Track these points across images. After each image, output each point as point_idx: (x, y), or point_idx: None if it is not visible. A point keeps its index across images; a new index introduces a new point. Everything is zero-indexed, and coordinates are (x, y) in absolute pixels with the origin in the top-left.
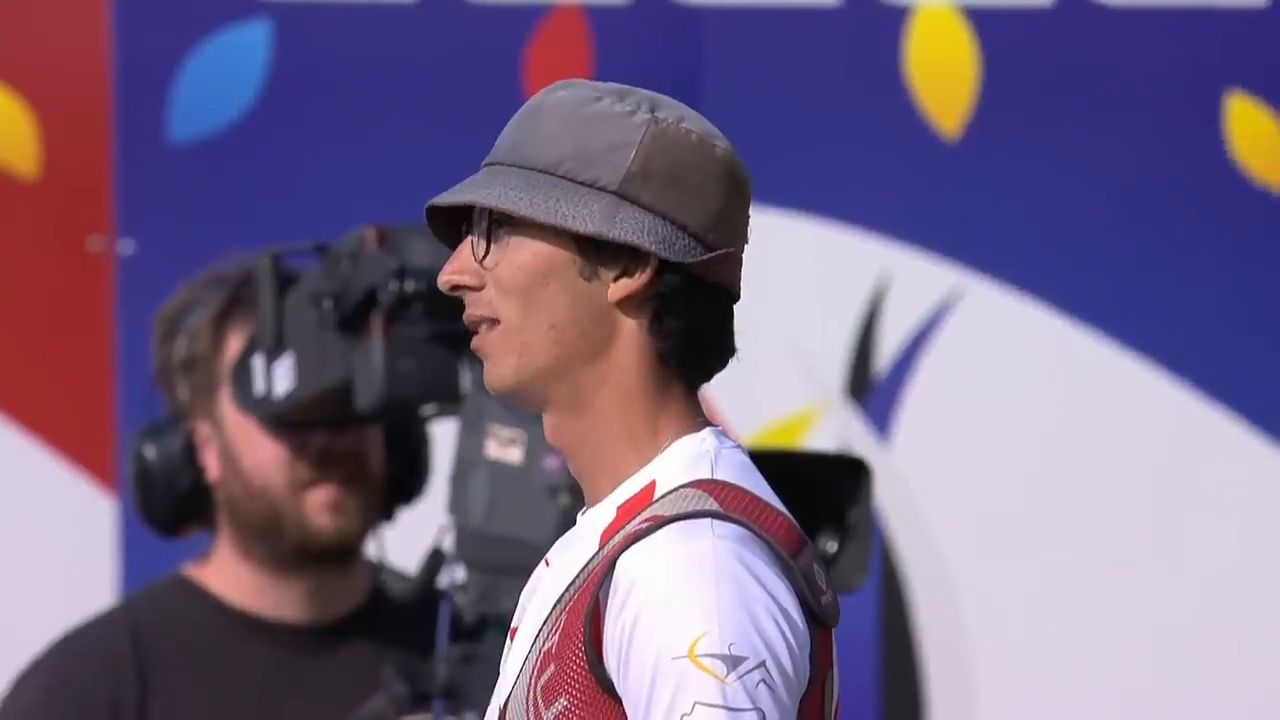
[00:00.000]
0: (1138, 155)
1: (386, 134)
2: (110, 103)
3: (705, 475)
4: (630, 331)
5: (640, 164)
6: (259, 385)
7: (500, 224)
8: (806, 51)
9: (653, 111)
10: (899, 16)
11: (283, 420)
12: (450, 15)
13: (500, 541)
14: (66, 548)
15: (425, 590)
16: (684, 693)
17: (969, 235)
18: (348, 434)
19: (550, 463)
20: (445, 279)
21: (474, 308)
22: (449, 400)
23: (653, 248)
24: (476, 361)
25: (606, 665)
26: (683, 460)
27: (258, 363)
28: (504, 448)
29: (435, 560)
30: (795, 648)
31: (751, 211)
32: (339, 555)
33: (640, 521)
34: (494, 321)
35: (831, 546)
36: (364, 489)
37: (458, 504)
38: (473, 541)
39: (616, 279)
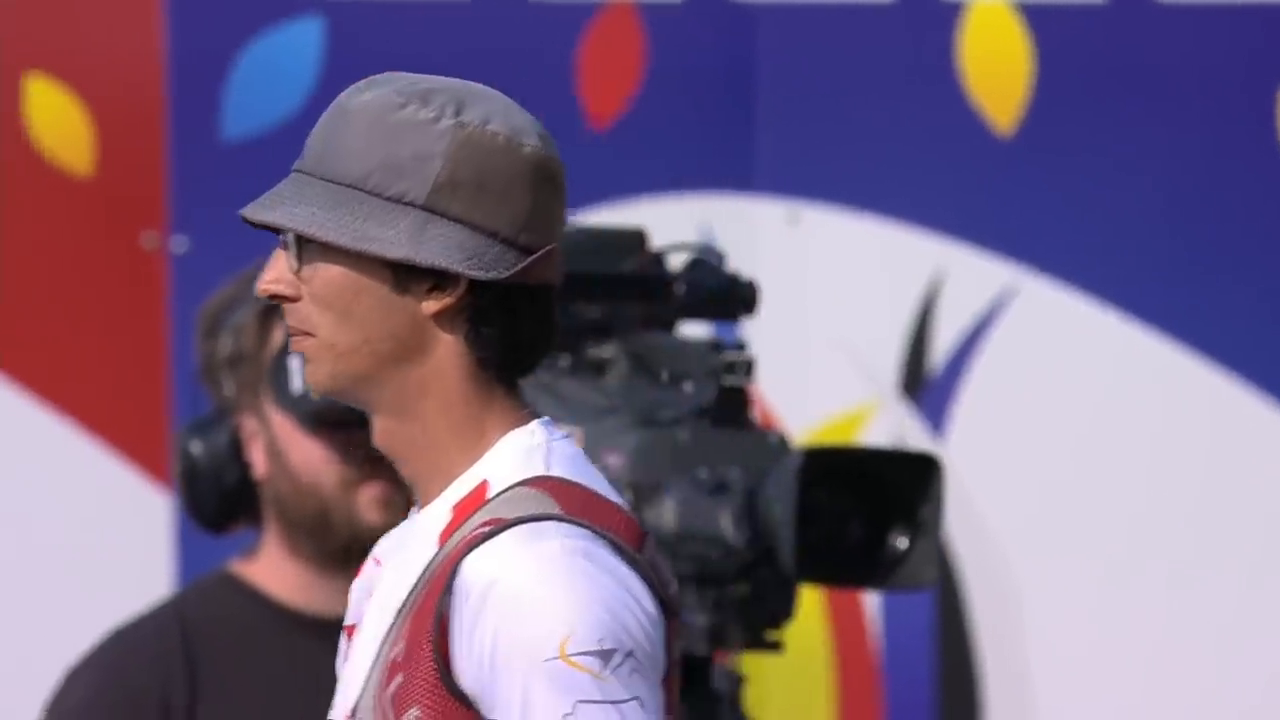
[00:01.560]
0: (1191, 152)
1: None
2: (164, 100)
3: (539, 472)
4: (447, 342)
5: (447, 175)
6: (296, 383)
7: (310, 240)
8: (860, 48)
9: (458, 115)
10: (953, 13)
11: (320, 419)
12: (503, 12)
13: None
14: (121, 544)
15: None
16: (563, 694)
17: (1022, 231)
18: None
19: (611, 459)
20: (263, 288)
21: (291, 318)
22: None
23: (461, 268)
24: None
25: (457, 673)
26: (514, 456)
27: (295, 362)
28: None
29: None
30: (653, 635)
31: (810, 207)
32: None
33: (479, 525)
34: (310, 334)
35: (902, 543)
36: None
37: None
38: None
39: (430, 291)
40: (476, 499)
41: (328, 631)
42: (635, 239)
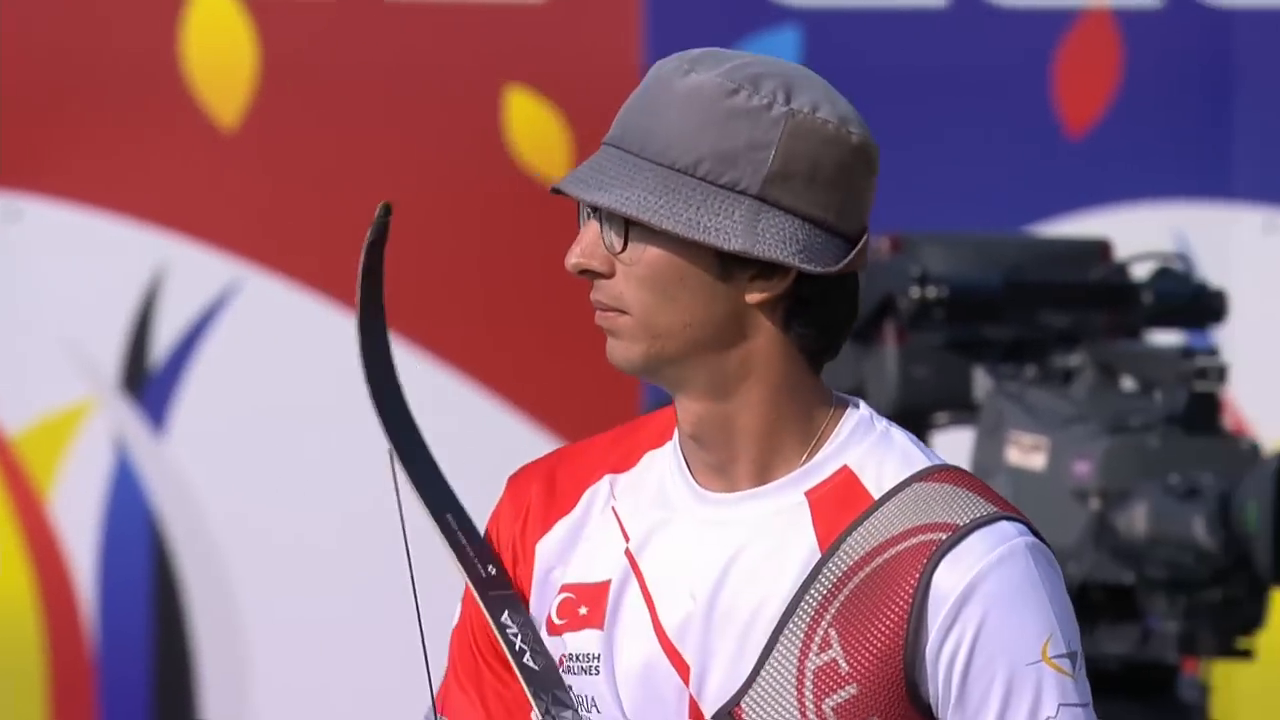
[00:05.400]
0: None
1: (909, 142)
2: None
3: (922, 462)
4: (766, 328)
5: (780, 164)
6: None
7: (637, 222)
8: None
9: (789, 101)
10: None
11: None
12: (979, 20)
13: None
14: None
15: None
16: (1045, 695)
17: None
18: None
19: (1080, 466)
20: (574, 262)
21: (601, 294)
22: (962, 408)
23: (795, 261)
24: (992, 368)
25: (921, 680)
26: (865, 441)
27: None
28: (1026, 454)
29: None
30: None
31: None
32: None
33: (924, 530)
34: (624, 311)
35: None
36: None
37: None
38: None
39: (753, 279)
40: (852, 492)
41: None
42: (1099, 249)
